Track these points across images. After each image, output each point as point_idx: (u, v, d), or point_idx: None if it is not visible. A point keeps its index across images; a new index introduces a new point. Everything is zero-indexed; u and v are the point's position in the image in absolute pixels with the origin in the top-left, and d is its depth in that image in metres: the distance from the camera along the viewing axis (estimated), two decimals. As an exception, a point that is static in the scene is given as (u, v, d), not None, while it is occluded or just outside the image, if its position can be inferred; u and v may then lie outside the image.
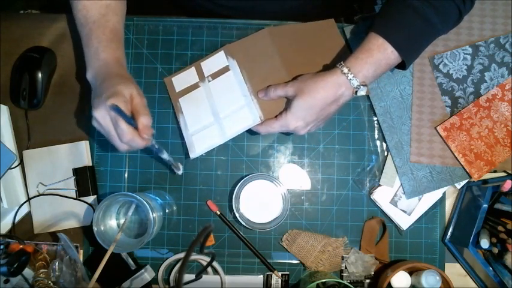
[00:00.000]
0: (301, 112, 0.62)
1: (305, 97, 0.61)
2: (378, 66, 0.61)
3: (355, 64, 0.60)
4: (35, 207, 0.73)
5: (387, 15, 0.62)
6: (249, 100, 0.67)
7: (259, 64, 0.69)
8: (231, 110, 0.68)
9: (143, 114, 0.58)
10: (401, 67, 0.65)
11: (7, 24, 0.76)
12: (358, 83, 0.60)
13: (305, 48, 0.71)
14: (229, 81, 0.69)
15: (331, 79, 0.61)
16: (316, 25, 0.74)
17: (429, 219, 0.74)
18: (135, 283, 0.69)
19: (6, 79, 0.74)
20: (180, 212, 0.74)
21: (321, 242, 0.72)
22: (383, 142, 0.74)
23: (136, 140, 0.56)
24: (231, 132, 0.68)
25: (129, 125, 0.55)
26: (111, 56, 0.62)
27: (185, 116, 0.70)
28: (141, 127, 0.57)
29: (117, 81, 0.58)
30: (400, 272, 0.68)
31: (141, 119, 0.57)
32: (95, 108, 0.56)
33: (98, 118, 0.56)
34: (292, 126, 0.63)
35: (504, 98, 0.72)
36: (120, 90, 0.57)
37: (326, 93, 0.61)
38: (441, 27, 0.62)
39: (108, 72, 0.61)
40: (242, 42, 0.72)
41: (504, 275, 0.65)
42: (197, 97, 0.70)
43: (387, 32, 0.60)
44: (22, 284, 0.63)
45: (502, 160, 0.71)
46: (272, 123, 0.65)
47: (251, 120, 0.67)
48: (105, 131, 0.57)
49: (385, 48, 0.60)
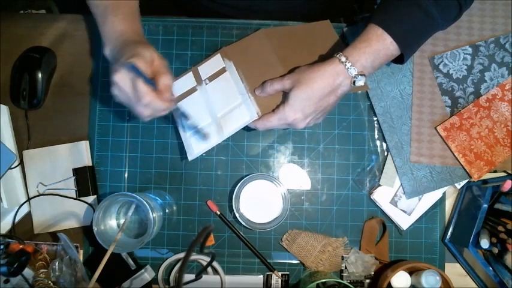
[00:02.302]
0: (299, 103, 0.60)
1: (302, 87, 0.59)
2: (377, 56, 0.60)
3: (353, 53, 0.59)
4: (35, 207, 0.73)
5: (387, 7, 0.61)
6: (246, 98, 0.67)
7: (256, 64, 0.69)
8: (228, 109, 0.67)
9: (164, 74, 0.55)
10: (399, 61, 0.64)
11: (7, 24, 0.76)
12: (356, 72, 0.59)
13: (301, 49, 0.71)
14: (226, 82, 0.69)
15: (328, 68, 0.59)
16: (311, 26, 0.74)
17: (429, 219, 0.74)
18: (135, 283, 0.69)
19: (6, 79, 0.74)
20: (180, 212, 0.74)
21: (321, 242, 0.72)
22: (383, 142, 0.74)
23: (157, 101, 0.54)
24: (229, 130, 0.67)
25: (148, 85, 0.53)
26: (129, 28, 0.60)
27: (183, 118, 0.70)
28: (161, 87, 0.54)
29: (137, 46, 0.56)
30: (400, 272, 0.68)
31: (162, 79, 0.54)
32: (114, 72, 0.53)
33: (117, 81, 0.53)
34: (291, 119, 0.61)
35: (504, 98, 0.72)
36: (140, 51, 0.54)
37: (324, 82, 0.59)
38: (441, 20, 0.62)
39: (126, 40, 0.59)
40: (238, 44, 0.72)
41: (504, 275, 0.65)
42: (194, 100, 0.70)
43: (386, 23, 0.59)
44: (22, 284, 0.63)
45: (502, 160, 0.71)
46: (269, 117, 0.63)
47: (248, 117, 0.65)
48: (125, 95, 0.55)
49: (384, 39, 0.59)
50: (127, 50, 0.56)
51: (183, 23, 0.77)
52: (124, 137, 0.74)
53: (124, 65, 0.53)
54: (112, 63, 0.59)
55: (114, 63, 0.56)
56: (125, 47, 0.57)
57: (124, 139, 0.74)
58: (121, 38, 0.59)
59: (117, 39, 0.59)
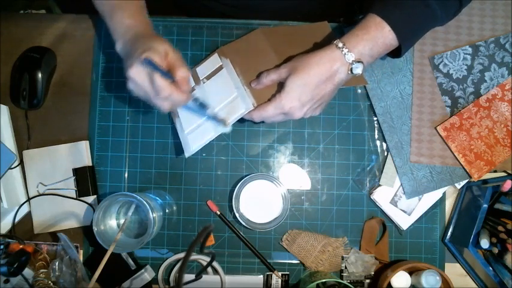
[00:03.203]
0: (295, 90, 0.58)
1: (299, 73, 0.58)
2: (375, 44, 0.59)
3: (351, 39, 0.58)
4: (35, 207, 0.73)
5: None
6: (242, 90, 0.66)
7: (253, 59, 0.68)
8: (224, 103, 0.66)
9: (180, 66, 0.55)
10: (396, 55, 0.63)
11: (7, 24, 0.76)
12: (353, 58, 0.58)
13: (300, 48, 0.71)
14: (223, 78, 0.69)
15: (325, 54, 0.59)
16: (310, 27, 0.74)
17: (429, 219, 0.74)
18: (135, 283, 0.69)
19: (6, 79, 0.74)
20: (180, 212, 0.74)
21: (321, 242, 0.72)
22: (383, 142, 0.74)
23: (176, 94, 0.53)
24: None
25: (166, 78, 0.53)
26: (138, 21, 0.60)
27: (181, 118, 0.70)
28: (179, 79, 0.54)
29: (149, 39, 0.56)
30: (400, 272, 0.68)
31: (179, 71, 0.54)
32: (129, 67, 0.53)
33: (133, 76, 0.53)
34: (287, 107, 0.59)
35: (504, 98, 0.72)
36: (153, 45, 0.54)
37: (320, 68, 0.58)
38: (440, 13, 0.61)
39: (137, 34, 0.58)
40: (236, 42, 0.72)
41: (504, 275, 0.65)
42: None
43: (385, 12, 0.59)
44: (22, 284, 0.63)
45: (502, 160, 0.71)
46: (265, 106, 0.61)
47: (244, 108, 0.64)
48: (142, 90, 0.55)
49: (383, 27, 0.58)
50: (139, 44, 0.55)
51: (183, 23, 0.77)
52: (124, 137, 0.74)
53: (138, 59, 0.52)
54: (125, 59, 0.58)
55: (128, 59, 0.56)
56: (136, 41, 0.57)
57: (124, 139, 0.74)
58: (131, 31, 0.59)
59: (127, 33, 0.59)
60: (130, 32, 0.59)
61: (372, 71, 0.74)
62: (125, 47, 0.59)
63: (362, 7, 0.91)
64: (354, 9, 0.93)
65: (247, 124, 0.74)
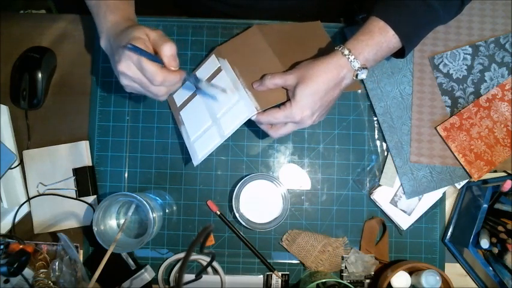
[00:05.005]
0: (306, 99, 0.59)
1: (308, 82, 0.58)
2: (379, 49, 0.59)
3: (356, 46, 0.59)
4: (35, 207, 0.73)
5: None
6: (243, 93, 0.65)
7: (252, 59, 0.68)
8: (226, 108, 0.66)
9: (164, 42, 0.53)
10: (400, 55, 0.63)
11: (7, 24, 0.76)
12: (359, 65, 0.58)
13: (296, 47, 0.71)
14: (223, 81, 0.69)
15: (332, 61, 0.59)
16: (303, 26, 0.74)
17: (429, 219, 0.74)
18: (135, 283, 0.69)
19: (6, 79, 0.74)
20: (180, 212, 0.74)
21: (321, 242, 0.72)
22: (383, 142, 0.74)
23: (170, 77, 0.53)
24: (229, 129, 0.65)
25: (155, 63, 0.52)
26: (120, 17, 0.60)
27: (186, 126, 0.70)
28: (166, 59, 0.53)
29: (130, 31, 0.55)
30: (400, 272, 0.68)
31: (164, 49, 0.53)
32: (117, 62, 0.53)
33: (123, 70, 0.53)
34: (298, 117, 0.59)
35: (504, 98, 0.72)
36: (134, 35, 0.53)
37: (328, 76, 0.58)
38: (443, 13, 0.61)
39: (119, 29, 0.58)
40: (232, 41, 0.72)
41: (504, 275, 0.65)
42: (195, 105, 0.70)
43: (388, 16, 0.59)
44: (22, 284, 0.63)
45: (502, 160, 0.71)
46: (275, 113, 0.60)
47: (247, 113, 0.64)
48: (135, 82, 0.54)
49: (387, 31, 0.58)
50: (122, 38, 0.55)
51: (183, 23, 0.77)
52: (124, 137, 0.74)
53: (123, 50, 0.52)
54: (110, 55, 0.58)
55: (114, 55, 0.56)
56: (118, 36, 0.56)
57: (124, 139, 0.74)
58: (114, 28, 0.58)
59: (110, 30, 0.59)
60: (112, 28, 0.58)
61: (372, 71, 0.74)
62: (108, 43, 0.59)
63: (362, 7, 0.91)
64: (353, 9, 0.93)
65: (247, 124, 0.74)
